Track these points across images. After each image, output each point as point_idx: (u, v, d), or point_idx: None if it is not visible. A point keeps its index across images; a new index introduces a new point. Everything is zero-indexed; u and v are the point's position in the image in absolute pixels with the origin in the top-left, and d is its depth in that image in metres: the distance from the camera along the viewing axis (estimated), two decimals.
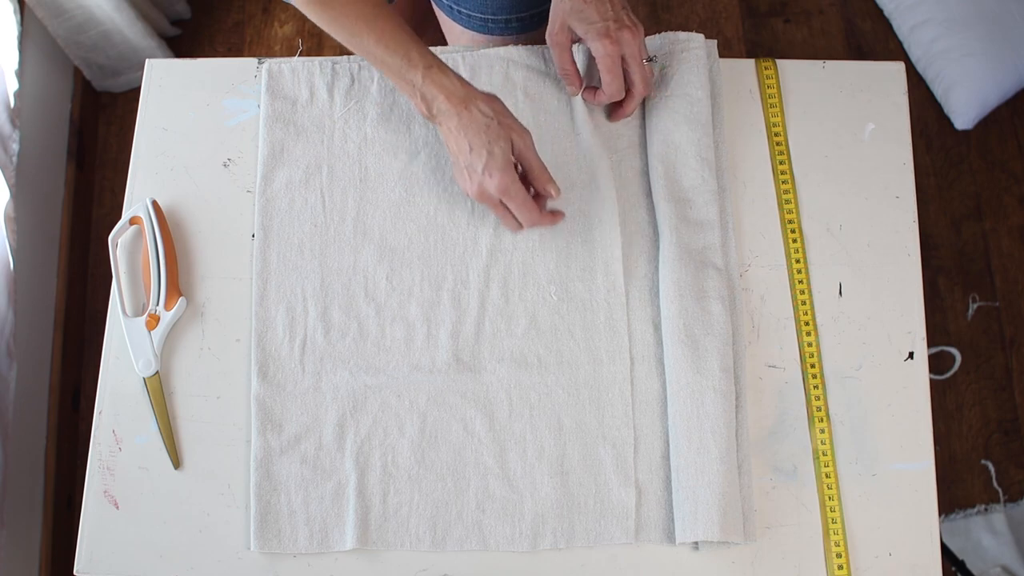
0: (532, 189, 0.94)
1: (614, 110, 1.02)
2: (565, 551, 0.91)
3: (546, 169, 0.92)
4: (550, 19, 0.98)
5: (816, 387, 0.95)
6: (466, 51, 1.06)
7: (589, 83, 1.02)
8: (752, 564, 0.90)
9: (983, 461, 1.78)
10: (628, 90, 0.98)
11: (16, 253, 1.53)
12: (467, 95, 0.91)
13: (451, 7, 1.14)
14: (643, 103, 1.03)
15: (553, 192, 0.92)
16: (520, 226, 0.94)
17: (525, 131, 0.91)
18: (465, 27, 1.15)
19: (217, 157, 1.03)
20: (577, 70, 1.00)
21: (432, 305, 0.97)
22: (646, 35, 1.04)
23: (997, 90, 1.88)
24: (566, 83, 1.01)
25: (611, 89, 0.97)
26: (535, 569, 0.90)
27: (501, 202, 0.92)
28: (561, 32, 0.97)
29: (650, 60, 0.97)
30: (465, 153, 0.91)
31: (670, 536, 0.90)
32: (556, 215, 0.95)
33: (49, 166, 1.80)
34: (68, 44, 1.82)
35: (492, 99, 0.92)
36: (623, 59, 0.95)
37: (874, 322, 0.97)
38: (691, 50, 1.01)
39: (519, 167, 0.92)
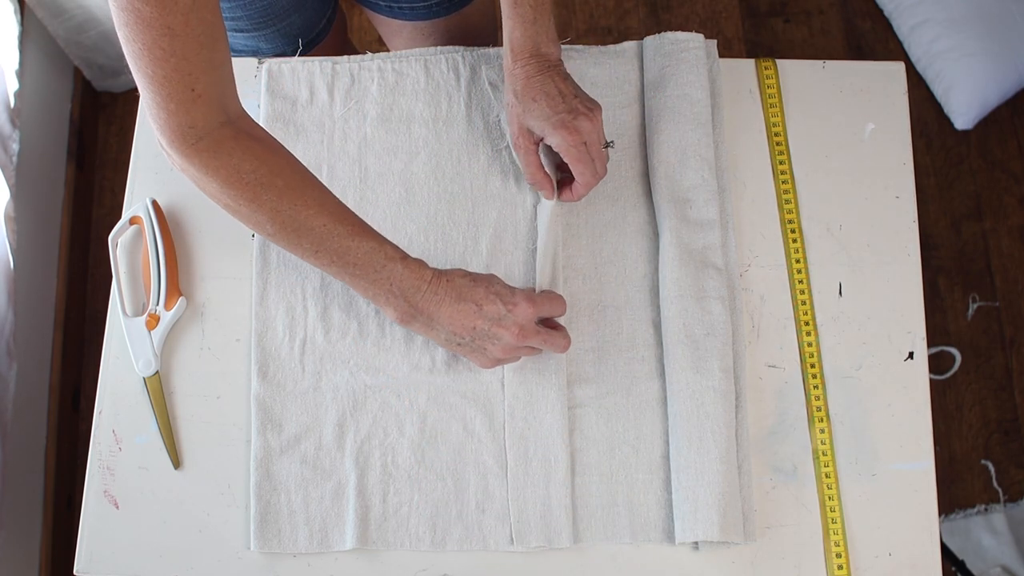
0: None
1: (564, 190, 0.97)
2: (565, 551, 0.91)
3: (547, 296, 0.89)
4: (508, 127, 0.97)
5: (816, 387, 0.95)
6: (427, 53, 1.06)
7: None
8: (752, 564, 0.90)
9: (983, 461, 1.78)
10: None
11: (16, 253, 1.53)
12: (438, 272, 0.87)
13: (388, 7, 1.15)
14: (643, 103, 1.03)
15: (561, 308, 0.89)
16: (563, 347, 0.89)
17: (492, 275, 0.88)
18: (405, 19, 1.16)
19: None
20: (546, 174, 0.96)
21: None
22: (646, 35, 1.04)
23: (997, 90, 1.88)
24: (537, 189, 0.97)
25: (585, 179, 0.93)
26: (535, 569, 0.90)
27: (541, 329, 0.87)
28: (521, 135, 0.94)
29: (607, 145, 0.94)
30: (478, 313, 0.85)
31: (670, 536, 0.90)
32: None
33: (49, 166, 1.80)
34: (68, 44, 1.82)
35: (456, 269, 0.88)
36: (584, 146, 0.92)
37: (874, 322, 0.97)
38: (691, 50, 1.01)
39: None
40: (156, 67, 0.73)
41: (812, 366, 0.95)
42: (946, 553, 1.61)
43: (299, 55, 1.10)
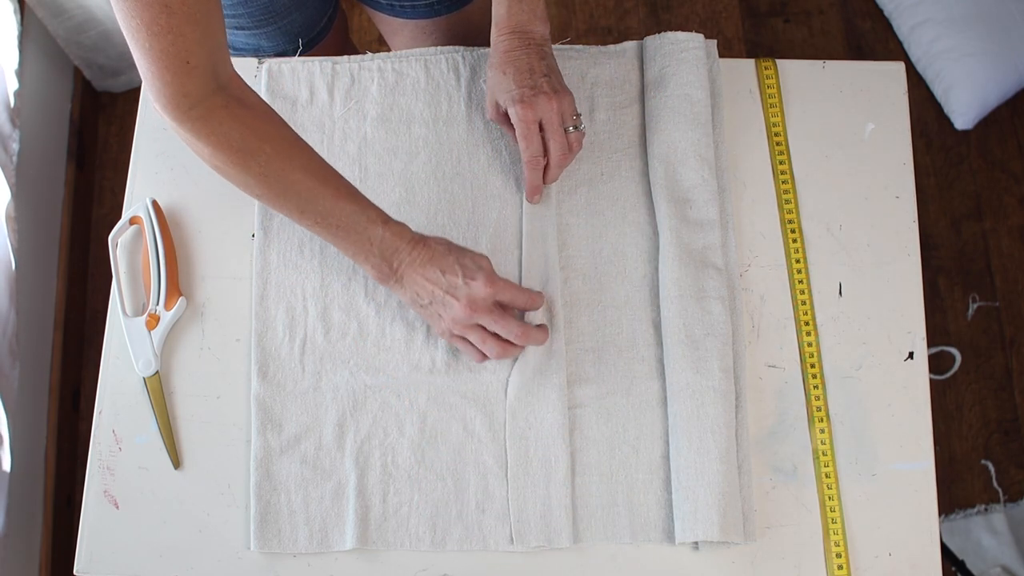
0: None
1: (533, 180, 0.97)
2: (565, 551, 0.91)
3: (514, 284, 0.90)
4: (487, 99, 0.98)
5: (816, 387, 0.95)
6: (426, 53, 1.06)
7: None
8: (752, 564, 0.90)
9: (983, 461, 1.78)
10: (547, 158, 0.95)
11: (17, 253, 1.53)
12: (419, 236, 0.90)
13: (390, 5, 1.16)
14: (643, 103, 1.03)
15: (538, 301, 0.91)
16: (516, 345, 0.90)
17: (480, 254, 0.90)
18: (406, 18, 1.18)
19: None
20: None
21: None
22: (646, 35, 1.04)
23: (997, 90, 1.88)
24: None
25: (526, 155, 0.94)
26: (535, 569, 0.90)
27: (496, 308, 0.89)
28: (491, 106, 0.97)
29: (574, 128, 0.93)
30: (440, 280, 0.88)
31: (670, 536, 0.90)
32: (543, 330, 0.91)
33: (49, 166, 1.80)
34: (68, 44, 1.82)
35: (438, 237, 0.91)
36: (541, 126, 0.93)
37: (874, 322, 0.97)
38: (691, 50, 1.01)
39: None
40: (153, 42, 0.77)
41: (812, 366, 0.95)
42: (946, 553, 1.61)
43: (300, 54, 1.10)
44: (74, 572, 0.91)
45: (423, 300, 0.90)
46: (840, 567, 0.89)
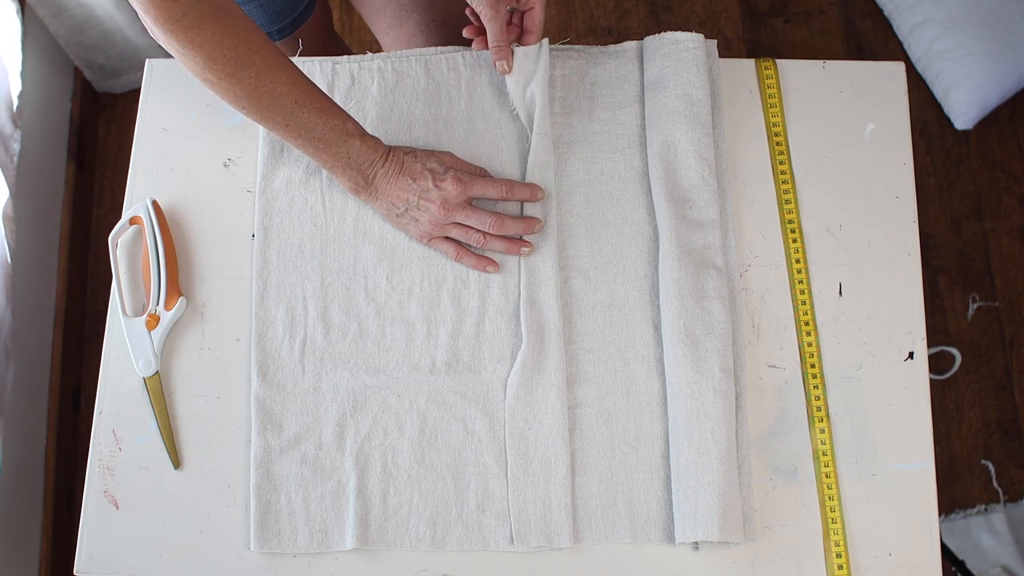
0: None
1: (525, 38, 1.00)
2: (565, 551, 0.91)
3: (482, 179, 0.96)
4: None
5: (816, 387, 0.95)
6: (427, 54, 1.06)
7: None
8: (752, 564, 0.90)
9: (983, 461, 1.78)
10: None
11: (16, 253, 1.53)
12: (388, 148, 0.96)
13: None
14: (643, 103, 1.03)
15: (516, 190, 0.96)
16: (490, 238, 0.96)
17: (445, 153, 0.97)
18: None
19: (217, 157, 1.03)
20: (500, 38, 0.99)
21: (432, 305, 0.97)
22: (646, 35, 1.04)
23: (997, 90, 1.88)
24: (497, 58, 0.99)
25: (491, 28, 0.97)
26: (535, 569, 0.90)
27: (468, 204, 0.95)
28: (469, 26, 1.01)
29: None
30: (412, 187, 0.94)
31: (670, 536, 0.90)
32: (532, 221, 0.97)
33: (49, 166, 1.80)
34: (69, 44, 1.82)
35: (403, 146, 0.98)
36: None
37: (874, 322, 0.97)
38: (691, 50, 1.01)
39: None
40: None
41: (812, 366, 0.95)
42: (946, 553, 1.61)
43: (281, 35, 1.10)
44: (74, 572, 0.91)
45: (398, 209, 0.96)
46: (840, 567, 0.89)
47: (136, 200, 1.02)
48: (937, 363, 1.82)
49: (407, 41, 1.21)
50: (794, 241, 0.99)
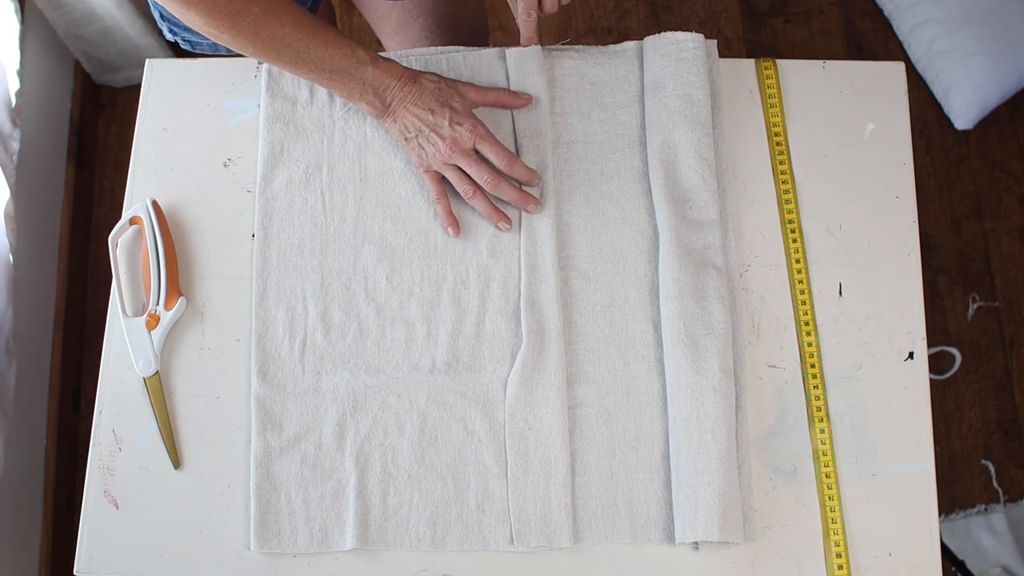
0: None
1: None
2: (565, 551, 0.91)
3: (496, 142, 0.96)
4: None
5: (816, 387, 0.95)
6: (426, 54, 1.06)
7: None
8: (752, 564, 0.90)
9: (983, 461, 1.78)
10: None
11: (16, 252, 1.53)
12: (413, 73, 0.97)
13: None
14: (643, 103, 1.03)
15: (516, 167, 0.96)
16: (497, 185, 0.96)
17: (471, 86, 0.98)
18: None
19: (217, 157, 1.03)
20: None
21: (432, 305, 0.97)
22: (646, 35, 1.04)
23: (997, 90, 1.88)
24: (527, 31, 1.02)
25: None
26: (535, 569, 0.90)
27: (474, 154, 0.96)
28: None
29: None
30: (427, 118, 0.95)
31: (670, 536, 0.90)
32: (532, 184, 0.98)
33: (49, 166, 1.80)
34: (68, 36, 1.82)
35: (430, 73, 0.98)
36: None
37: (874, 322, 0.97)
38: (691, 50, 1.01)
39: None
40: None
41: (812, 366, 0.95)
42: (946, 553, 1.61)
43: None
44: (74, 572, 0.91)
45: (410, 133, 0.97)
46: (840, 567, 0.89)
47: (136, 200, 1.02)
48: (937, 363, 1.82)
49: (411, 45, 1.22)
50: (794, 241, 0.99)
